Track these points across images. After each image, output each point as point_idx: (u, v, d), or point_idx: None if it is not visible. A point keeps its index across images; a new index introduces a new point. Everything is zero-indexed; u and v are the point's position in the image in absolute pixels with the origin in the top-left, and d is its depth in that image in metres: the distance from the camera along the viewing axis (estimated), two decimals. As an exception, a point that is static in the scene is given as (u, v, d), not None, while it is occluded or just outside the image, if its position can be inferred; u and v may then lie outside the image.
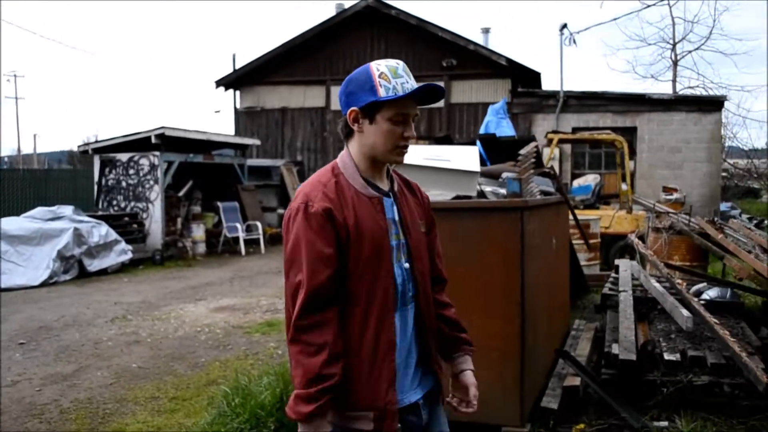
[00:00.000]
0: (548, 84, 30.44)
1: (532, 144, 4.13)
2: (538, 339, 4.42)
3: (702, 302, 5.90)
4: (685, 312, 4.94)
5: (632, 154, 15.07)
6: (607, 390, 4.48)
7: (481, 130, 9.55)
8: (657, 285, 5.88)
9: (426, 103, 2.06)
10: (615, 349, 4.66)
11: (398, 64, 1.99)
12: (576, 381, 4.61)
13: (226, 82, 20.33)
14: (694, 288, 6.21)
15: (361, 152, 2.04)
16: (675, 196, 15.73)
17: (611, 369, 4.62)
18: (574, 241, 8.74)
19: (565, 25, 17.50)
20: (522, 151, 4.01)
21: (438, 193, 4.15)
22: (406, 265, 2.06)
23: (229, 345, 6.89)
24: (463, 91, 18.39)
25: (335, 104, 19.47)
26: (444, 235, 3.92)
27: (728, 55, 37.77)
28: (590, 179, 15.17)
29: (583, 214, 10.42)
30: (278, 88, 20.05)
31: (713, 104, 17.08)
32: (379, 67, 1.97)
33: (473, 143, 5.69)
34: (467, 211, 3.89)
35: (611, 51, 52.16)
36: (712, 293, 6.02)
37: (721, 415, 4.34)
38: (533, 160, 4.12)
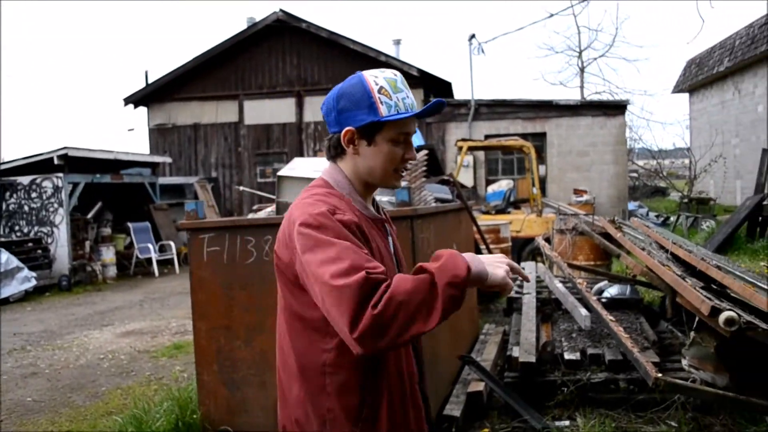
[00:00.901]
0: (460, 93, 30.92)
1: (423, 152, 4.13)
2: (439, 347, 4.40)
3: (603, 300, 6.05)
4: (583, 311, 5.03)
5: (539, 159, 15.43)
6: (511, 393, 4.50)
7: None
8: (560, 286, 5.98)
9: (425, 118, 1.89)
10: (516, 351, 4.69)
11: (396, 76, 1.78)
12: (480, 386, 4.62)
13: (135, 99, 19.79)
14: (596, 286, 6.35)
15: (356, 175, 1.81)
16: (585, 197, 16.22)
17: (513, 372, 4.65)
18: (483, 247, 8.85)
19: (473, 36, 17.85)
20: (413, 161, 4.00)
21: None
22: None
23: (133, 371, 6.63)
24: (377, 102, 18.43)
25: (249, 119, 19.24)
26: (339, 246, 3.88)
27: (631, 61, 39.47)
28: (503, 185, 15.48)
29: (493, 219, 10.58)
30: (190, 104, 19.65)
31: (617, 108, 17.72)
32: (377, 80, 1.74)
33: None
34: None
35: (522, 60, 54.13)
36: (612, 291, 6.17)
37: (620, 411, 4.43)
38: (425, 168, 4.12)
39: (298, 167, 4.10)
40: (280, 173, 3.94)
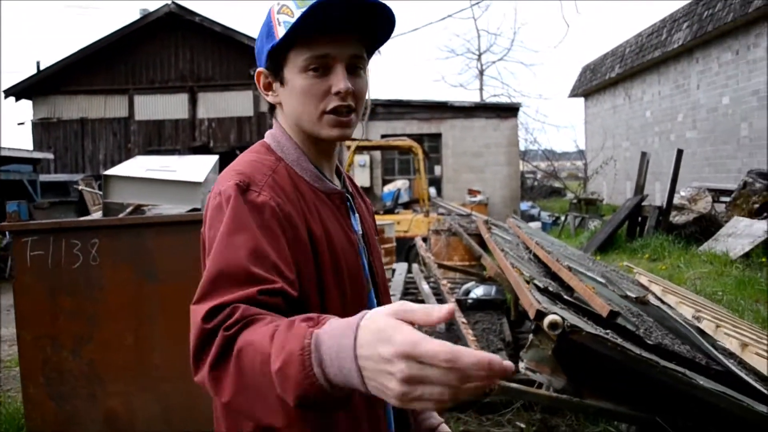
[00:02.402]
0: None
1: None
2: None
3: (469, 300, 6.07)
4: (439, 313, 4.99)
5: (427, 159, 15.52)
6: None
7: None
8: (425, 286, 5.96)
9: (377, 38, 1.34)
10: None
11: None
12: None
13: (17, 92, 18.73)
14: (464, 287, 6.37)
15: (295, 131, 1.38)
16: (479, 198, 16.48)
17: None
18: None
19: (370, 34, 17.82)
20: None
21: (170, 207, 3.90)
22: (374, 300, 1.44)
23: (-22, 383, 6.18)
24: (273, 100, 18.14)
25: (139, 114, 18.58)
26: (176, 249, 3.67)
27: (528, 66, 40.75)
28: (399, 185, 15.51)
29: (380, 219, 10.53)
30: (76, 98, 18.77)
31: (510, 111, 18.11)
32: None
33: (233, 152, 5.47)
34: (186, 225, 3.65)
35: (423, 61, 54.96)
36: (479, 291, 6.20)
37: (470, 413, 4.41)
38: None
39: (130, 166, 3.89)
40: (106, 172, 3.71)
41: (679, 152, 12.45)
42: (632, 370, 3.42)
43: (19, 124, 39.81)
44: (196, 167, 4.00)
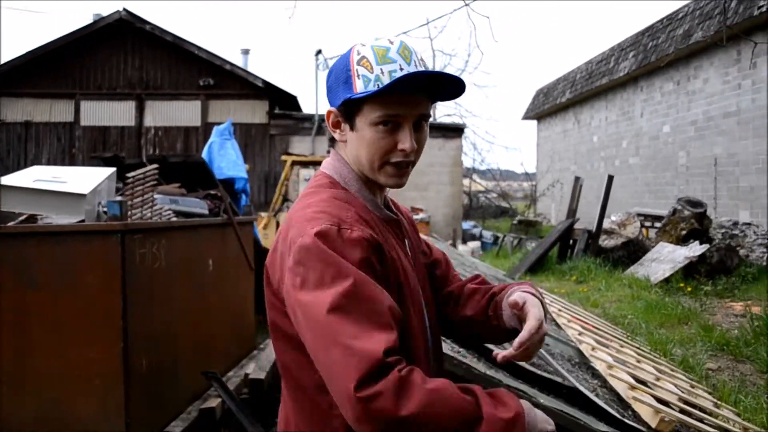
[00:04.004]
0: (307, 107, 30.97)
1: (151, 166, 4.12)
2: (164, 363, 4.37)
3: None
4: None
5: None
6: (244, 409, 4.54)
7: (204, 152, 9.46)
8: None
9: (444, 97, 1.52)
10: (250, 369, 4.74)
11: (391, 44, 1.43)
12: (215, 402, 4.62)
13: (-40, 92, 18.48)
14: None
15: (353, 164, 1.54)
16: (421, 216, 16.72)
17: (247, 389, 4.70)
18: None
19: (320, 51, 17.97)
20: (132, 174, 3.99)
21: (57, 217, 3.99)
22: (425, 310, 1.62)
23: None
24: (221, 111, 18.18)
25: (84, 119, 18.45)
26: (57, 259, 3.77)
27: (480, 87, 41.74)
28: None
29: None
30: (21, 101, 18.56)
31: (455, 131, 18.46)
32: (363, 49, 1.43)
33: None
34: (67, 235, 3.76)
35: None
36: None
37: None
38: (155, 181, 4.11)
39: (20, 176, 3.99)
40: (-8, 182, 3.81)
41: (610, 178, 12.87)
42: (485, 388, 3.62)
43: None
44: (87, 179, 4.11)
